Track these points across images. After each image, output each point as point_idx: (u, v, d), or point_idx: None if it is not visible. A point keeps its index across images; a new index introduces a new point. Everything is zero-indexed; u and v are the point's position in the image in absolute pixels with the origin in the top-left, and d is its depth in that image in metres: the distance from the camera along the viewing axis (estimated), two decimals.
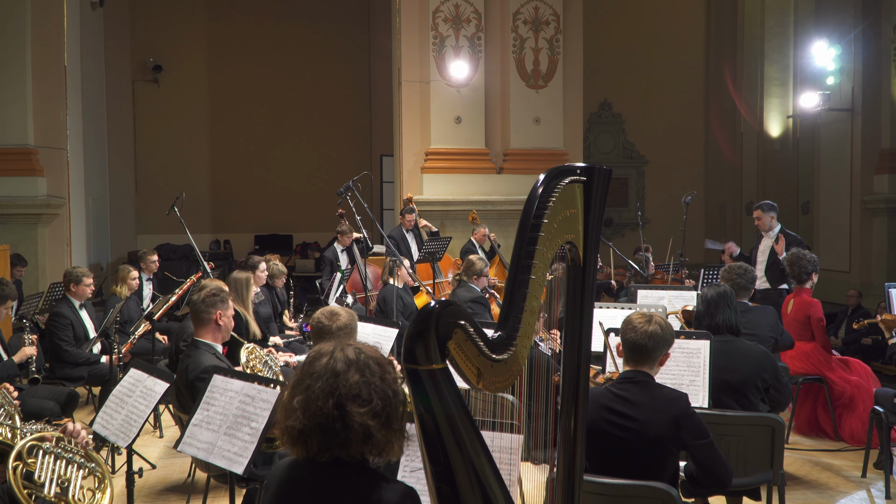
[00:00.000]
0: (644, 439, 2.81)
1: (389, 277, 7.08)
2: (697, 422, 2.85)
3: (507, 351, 1.90)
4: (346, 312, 3.56)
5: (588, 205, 2.00)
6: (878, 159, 10.84)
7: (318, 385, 1.81)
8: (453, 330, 1.82)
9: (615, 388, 2.92)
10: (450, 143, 10.35)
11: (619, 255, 8.78)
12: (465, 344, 1.84)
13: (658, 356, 2.93)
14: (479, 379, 1.87)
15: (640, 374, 2.92)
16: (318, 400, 1.79)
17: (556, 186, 1.95)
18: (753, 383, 3.79)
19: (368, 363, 1.85)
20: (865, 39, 10.96)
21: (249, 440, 3.19)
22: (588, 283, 2.04)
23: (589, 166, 2.02)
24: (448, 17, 10.30)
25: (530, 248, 1.91)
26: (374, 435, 1.80)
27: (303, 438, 1.81)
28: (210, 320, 4.00)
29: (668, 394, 2.89)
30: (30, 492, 2.57)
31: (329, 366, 1.83)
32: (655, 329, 2.90)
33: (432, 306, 1.82)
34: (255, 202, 15.07)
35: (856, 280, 10.90)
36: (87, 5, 10.89)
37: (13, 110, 9.13)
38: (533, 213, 1.93)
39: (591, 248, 2.03)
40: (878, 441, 4.91)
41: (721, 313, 3.92)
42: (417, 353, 1.82)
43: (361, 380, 1.81)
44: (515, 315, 1.92)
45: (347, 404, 1.78)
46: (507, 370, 1.91)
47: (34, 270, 9.00)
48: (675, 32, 15.25)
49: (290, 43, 14.96)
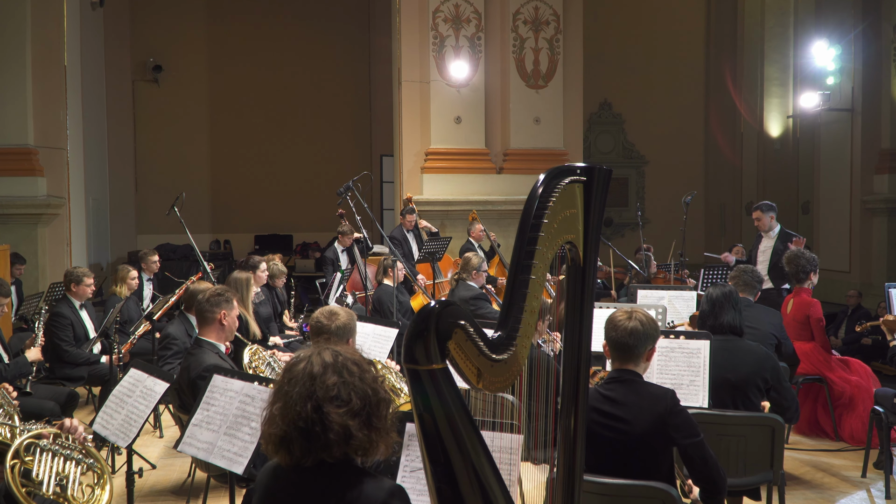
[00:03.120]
0: (633, 438, 2.81)
1: (384, 278, 7.08)
2: (685, 419, 2.83)
3: (507, 351, 1.90)
4: (345, 312, 3.57)
5: (588, 205, 2.00)
6: (878, 159, 10.84)
7: (295, 390, 1.81)
8: (453, 330, 1.82)
9: (602, 389, 2.92)
10: (450, 143, 10.35)
11: (618, 254, 8.79)
12: (465, 344, 1.84)
13: (643, 351, 2.91)
14: (479, 379, 1.87)
15: (625, 374, 2.91)
16: (296, 405, 1.79)
17: (556, 186, 1.95)
18: (754, 382, 3.79)
19: (346, 364, 1.84)
20: (865, 39, 10.96)
21: (249, 440, 3.19)
22: (588, 283, 2.04)
23: (589, 166, 2.02)
24: (448, 17, 10.30)
25: (530, 248, 1.91)
26: (354, 434, 1.79)
27: (285, 444, 1.81)
28: (214, 320, 4.02)
29: (654, 391, 2.88)
30: (28, 490, 2.56)
31: (306, 370, 1.83)
32: (636, 325, 2.89)
33: (432, 306, 1.82)
34: (255, 202, 15.07)
35: (856, 280, 10.90)
36: (87, 5, 10.89)
37: (13, 110, 9.12)
38: (533, 213, 1.92)
39: (591, 247, 2.02)
40: (878, 441, 4.91)
41: (726, 314, 3.92)
42: (417, 353, 1.82)
43: (339, 381, 1.80)
44: (515, 315, 1.91)
45: (325, 406, 1.78)
46: (507, 370, 1.91)
47: (34, 270, 8.99)
48: (675, 32, 15.25)
49: (290, 43, 14.95)
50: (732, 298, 3.96)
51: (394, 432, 1.90)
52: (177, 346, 5.01)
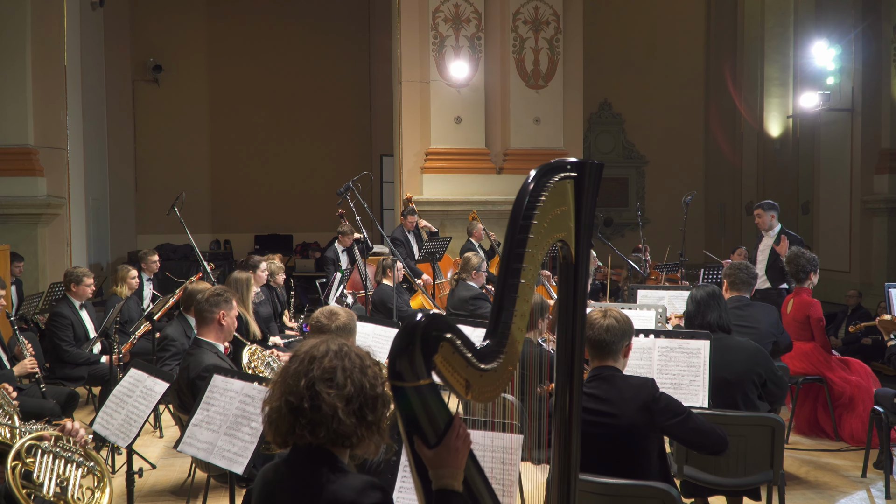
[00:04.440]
0: (620, 431, 2.86)
1: (383, 278, 7.08)
2: (667, 402, 2.90)
3: (496, 360, 1.83)
4: (346, 313, 3.57)
5: (579, 201, 1.95)
6: (878, 159, 10.85)
7: (293, 367, 1.85)
8: (439, 343, 1.75)
9: (585, 388, 2.94)
10: (450, 143, 10.35)
11: (618, 254, 8.79)
12: (453, 357, 1.77)
13: (620, 348, 2.97)
14: (468, 390, 1.81)
15: (605, 370, 2.97)
16: (290, 379, 1.83)
17: (545, 185, 1.89)
18: (750, 378, 3.81)
19: (349, 354, 1.86)
20: (865, 39, 10.96)
21: (249, 440, 3.19)
22: (580, 281, 1.99)
23: (580, 161, 1.97)
24: (448, 17, 10.31)
25: (519, 251, 1.86)
26: (342, 419, 1.79)
27: (276, 417, 1.84)
28: (213, 320, 4.01)
29: (633, 382, 2.94)
30: (29, 491, 2.57)
31: (309, 352, 1.86)
32: (611, 322, 2.95)
33: (418, 319, 1.75)
34: (255, 202, 15.06)
35: (856, 280, 10.90)
36: (87, 5, 10.89)
37: (13, 110, 9.12)
38: (522, 215, 1.86)
39: (582, 244, 1.97)
40: (878, 441, 4.91)
41: (711, 312, 3.94)
42: (403, 369, 1.74)
43: (338, 365, 1.82)
44: (505, 321, 1.86)
45: (318, 384, 1.80)
46: (497, 379, 1.85)
47: (34, 270, 8.99)
48: (675, 32, 15.25)
49: (290, 43, 14.95)
50: (716, 297, 3.98)
51: (387, 435, 1.88)
52: (175, 347, 5.01)
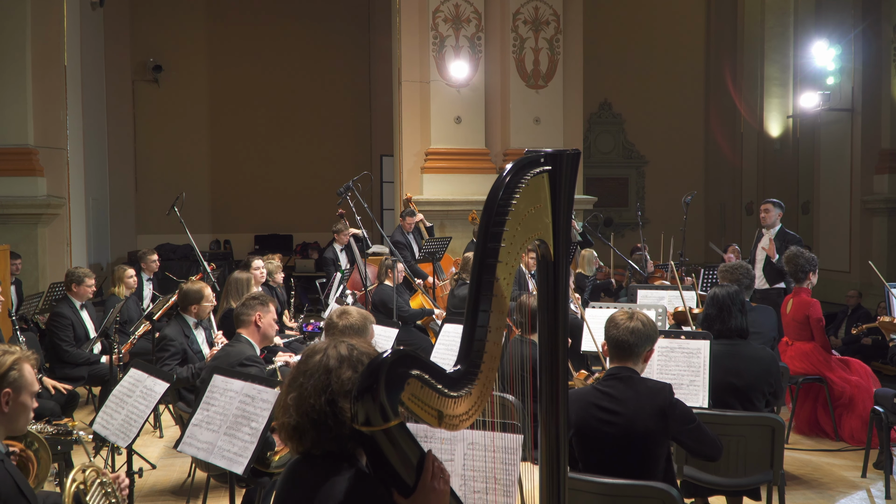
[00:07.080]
0: (633, 433, 2.84)
1: (385, 279, 7.08)
2: (682, 409, 2.89)
3: (469, 384, 1.75)
4: (360, 314, 3.59)
5: (555, 194, 1.88)
6: (878, 159, 10.85)
7: (310, 383, 1.83)
8: (406, 381, 1.66)
9: (601, 386, 2.94)
10: (450, 143, 10.35)
11: (618, 254, 8.79)
12: (422, 391, 1.68)
13: (642, 352, 2.94)
14: (441, 421, 1.72)
15: (623, 370, 2.93)
16: (310, 397, 1.82)
17: (517, 186, 1.80)
18: (760, 388, 3.76)
19: (361, 359, 1.85)
20: (865, 39, 10.96)
21: (249, 440, 3.20)
22: (560, 278, 1.92)
23: (554, 152, 1.87)
24: (448, 17, 10.30)
25: (490, 262, 1.77)
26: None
27: (297, 434, 1.84)
28: (250, 322, 4.12)
29: (651, 386, 2.91)
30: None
31: (322, 363, 1.85)
32: (637, 325, 2.92)
33: (382, 358, 1.66)
34: (255, 202, 15.06)
35: (856, 280, 10.91)
36: (87, 5, 10.89)
37: (13, 110, 9.11)
38: (491, 221, 1.76)
39: (561, 239, 1.90)
40: (878, 441, 4.91)
41: (734, 318, 3.83)
42: (370, 413, 1.65)
43: (354, 376, 1.81)
44: (479, 338, 1.76)
45: (339, 400, 1.80)
46: (473, 401, 1.76)
47: (34, 270, 8.99)
48: (675, 32, 15.25)
49: (290, 43, 14.95)
50: (738, 299, 3.89)
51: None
52: (173, 347, 5.01)
